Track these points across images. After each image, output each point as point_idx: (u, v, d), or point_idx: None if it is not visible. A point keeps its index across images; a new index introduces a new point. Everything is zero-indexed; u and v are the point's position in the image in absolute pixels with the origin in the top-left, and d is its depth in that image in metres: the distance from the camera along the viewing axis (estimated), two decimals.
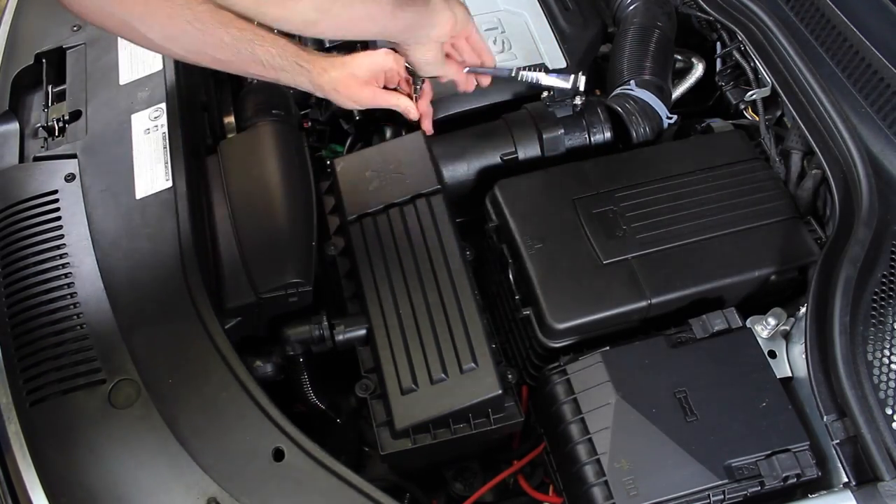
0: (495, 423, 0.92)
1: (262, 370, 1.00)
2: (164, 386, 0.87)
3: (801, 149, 1.14)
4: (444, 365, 0.91)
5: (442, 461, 1.05)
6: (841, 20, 1.10)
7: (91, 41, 1.24)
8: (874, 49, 1.05)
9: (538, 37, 1.27)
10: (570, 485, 0.90)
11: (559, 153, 1.15)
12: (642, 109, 1.19)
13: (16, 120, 1.19)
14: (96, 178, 1.05)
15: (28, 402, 0.88)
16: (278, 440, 0.84)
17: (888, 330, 0.90)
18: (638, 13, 1.33)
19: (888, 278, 0.93)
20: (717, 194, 1.05)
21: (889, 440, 0.82)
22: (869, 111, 1.06)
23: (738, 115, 1.29)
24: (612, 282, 0.97)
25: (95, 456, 0.84)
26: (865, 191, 0.98)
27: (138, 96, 1.14)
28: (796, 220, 1.04)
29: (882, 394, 0.85)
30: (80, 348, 0.90)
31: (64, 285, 0.95)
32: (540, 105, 1.17)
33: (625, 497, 0.83)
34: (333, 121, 1.44)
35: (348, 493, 0.82)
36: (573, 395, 0.91)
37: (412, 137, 1.12)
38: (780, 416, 0.88)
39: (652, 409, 0.88)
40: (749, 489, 0.85)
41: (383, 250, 1.01)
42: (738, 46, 1.26)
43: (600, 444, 0.87)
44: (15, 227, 1.01)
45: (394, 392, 0.91)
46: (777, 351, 0.97)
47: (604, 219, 1.02)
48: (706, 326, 0.94)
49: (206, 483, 0.81)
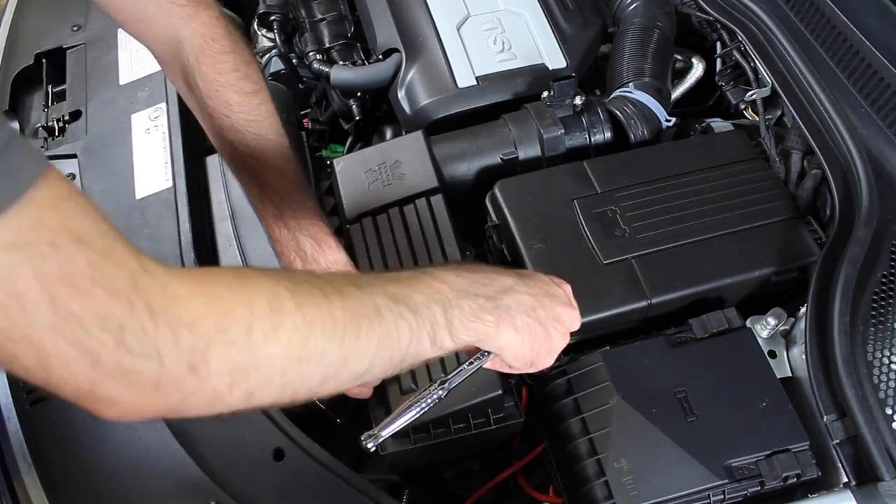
0: (495, 423, 0.92)
1: None
2: None
3: (801, 149, 1.14)
4: (444, 365, 0.91)
5: (442, 461, 1.05)
6: (841, 20, 1.10)
7: (91, 41, 1.24)
8: (874, 49, 1.05)
9: (538, 37, 1.27)
10: (570, 485, 0.90)
11: (559, 153, 1.15)
12: (641, 112, 1.19)
13: (16, 120, 1.19)
14: (96, 178, 1.05)
15: (28, 402, 0.88)
16: (278, 440, 0.84)
17: (888, 330, 0.90)
18: (638, 13, 1.32)
19: (888, 278, 0.93)
20: (718, 194, 1.05)
21: (889, 440, 0.82)
22: (869, 111, 1.06)
23: (738, 115, 1.29)
24: (612, 282, 0.97)
25: (95, 456, 0.84)
26: (865, 191, 0.98)
27: (138, 96, 1.14)
28: (796, 220, 1.04)
29: (882, 394, 0.85)
30: None
31: None
32: (540, 105, 1.17)
33: (625, 497, 0.83)
34: (333, 121, 1.44)
35: (348, 492, 0.82)
36: (573, 395, 0.91)
37: (412, 137, 1.12)
38: (780, 416, 0.88)
39: (652, 409, 0.88)
40: (749, 489, 0.85)
41: (383, 250, 1.01)
42: (738, 46, 1.26)
43: (600, 444, 0.87)
44: None
45: (394, 392, 0.91)
46: (777, 351, 0.97)
47: (604, 219, 1.02)
48: (706, 326, 0.94)
49: (206, 483, 0.81)
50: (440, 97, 1.20)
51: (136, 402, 0.51)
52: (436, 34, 1.25)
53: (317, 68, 1.32)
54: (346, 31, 1.39)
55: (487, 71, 1.22)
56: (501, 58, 1.24)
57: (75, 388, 0.49)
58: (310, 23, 1.40)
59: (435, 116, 1.20)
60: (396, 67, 1.25)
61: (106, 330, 0.47)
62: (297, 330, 0.56)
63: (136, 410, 0.51)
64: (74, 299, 0.45)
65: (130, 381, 0.49)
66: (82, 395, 0.50)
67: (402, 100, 1.23)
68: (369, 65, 1.29)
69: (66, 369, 0.47)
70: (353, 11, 1.41)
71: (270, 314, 0.55)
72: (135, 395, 0.50)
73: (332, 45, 1.37)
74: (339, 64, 1.32)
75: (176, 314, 0.50)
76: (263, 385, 0.56)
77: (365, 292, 0.63)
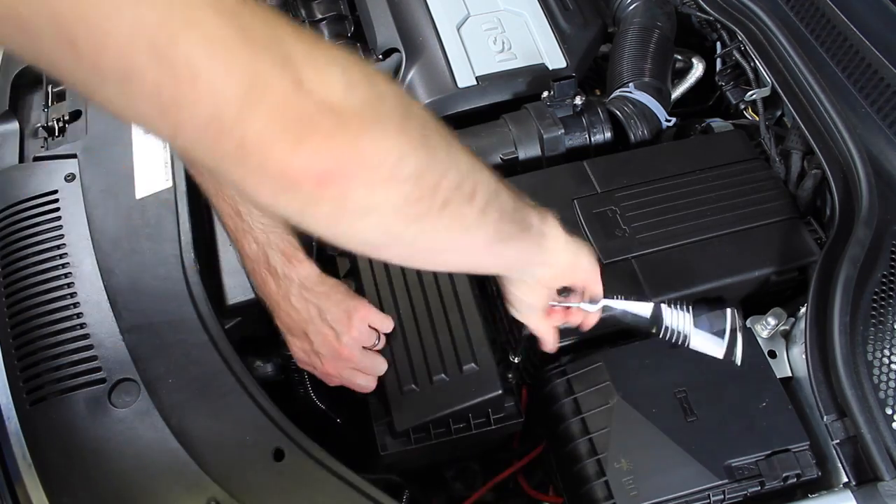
0: (495, 423, 0.92)
1: (262, 370, 1.00)
2: (164, 386, 0.87)
3: (801, 149, 1.14)
4: (444, 365, 0.91)
5: (442, 461, 1.05)
6: (841, 20, 1.10)
7: None
8: (874, 49, 1.05)
9: (538, 37, 1.27)
10: (570, 485, 0.90)
11: (559, 153, 1.15)
12: (641, 112, 1.19)
13: (16, 120, 1.18)
14: (96, 178, 1.05)
15: (28, 402, 0.88)
16: (278, 440, 0.84)
17: (888, 330, 0.90)
18: (638, 13, 1.32)
19: (888, 278, 0.93)
20: (718, 194, 1.05)
21: (889, 440, 0.82)
22: (869, 111, 1.06)
23: (738, 115, 1.29)
24: (613, 282, 0.97)
25: (95, 456, 0.84)
26: (865, 191, 0.98)
27: None
28: (796, 220, 1.04)
29: (882, 394, 0.85)
30: (80, 348, 0.90)
31: (64, 285, 0.94)
32: (540, 105, 1.17)
33: (625, 497, 0.83)
34: None
35: (348, 492, 0.82)
36: (573, 395, 0.91)
37: None
38: (780, 416, 0.88)
39: (652, 409, 0.88)
40: (749, 489, 0.85)
41: None
42: (738, 46, 1.26)
43: (600, 444, 0.87)
44: (15, 227, 1.01)
45: (394, 392, 0.91)
46: (777, 351, 0.97)
47: (604, 219, 1.02)
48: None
49: (206, 483, 0.81)
50: (440, 97, 1.20)
51: (332, 105, 0.44)
52: (436, 34, 1.24)
53: None
54: (346, 30, 1.39)
55: (487, 71, 1.22)
56: (501, 58, 1.24)
57: (280, 73, 0.43)
58: (310, 23, 1.40)
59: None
60: (396, 67, 1.25)
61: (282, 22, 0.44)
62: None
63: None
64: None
65: (322, 74, 0.44)
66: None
67: None
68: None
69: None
70: (353, 11, 1.41)
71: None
72: (329, 90, 0.44)
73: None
74: None
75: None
76: (427, 126, 0.52)
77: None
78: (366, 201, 0.49)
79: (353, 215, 0.50)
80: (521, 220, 0.68)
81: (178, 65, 0.40)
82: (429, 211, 0.54)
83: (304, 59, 0.44)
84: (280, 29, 0.44)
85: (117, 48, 0.39)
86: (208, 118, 0.42)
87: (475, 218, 0.59)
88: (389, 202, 0.51)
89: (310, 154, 0.44)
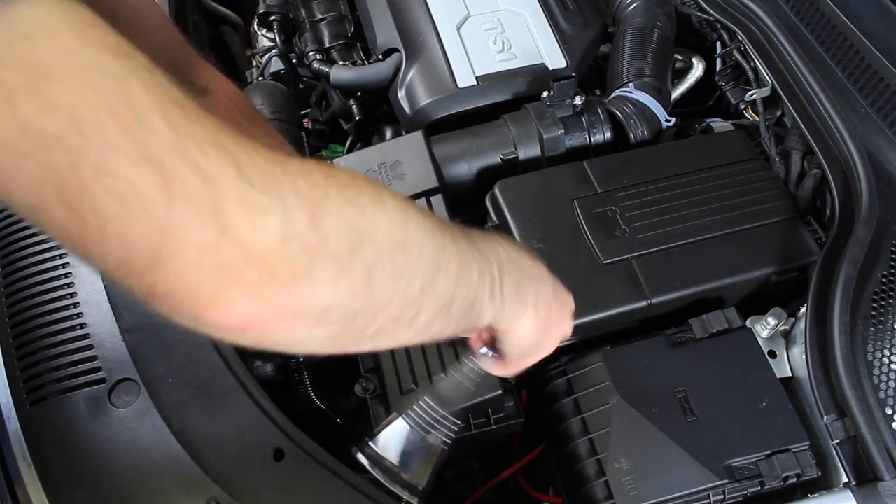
0: (495, 423, 0.92)
1: (262, 370, 1.00)
2: (164, 386, 0.87)
3: (801, 149, 1.14)
4: (444, 365, 0.91)
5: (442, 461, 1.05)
6: (841, 20, 1.10)
7: None
8: (874, 49, 1.05)
9: (538, 37, 1.27)
10: (570, 485, 0.90)
11: (559, 153, 1.15)
12: (641, 112, 1.19)
13: None
14: None
15: (28, 402, 0.88)
16: (278, 440, 0.84)
17: (888, 330, 0.90)
18: (638, 13, 1.32)
19: (888, 278, 0.93)
20: (717, 194, 1.05)
21: (889, 440, 0.82)
22: (869, 111, 1.06)
23: (738, 115, 1.29)
24: (613, 282, 0.97)
25: (95, 456, 0.84)
26: (865, 191, 0.98)
27: None
28: (796, 220, 1.04)
29: (882, 394, 0.85)
30: (79, 348, 0.90)
31: (64, 285, 0.94)
32: (540, 105, 1.17)
33: (625, 497, 0.83)
34: (333, 121, 1.44)
35: (348, 493, 0.82)
36: (573, 395, 0.91)
37: (412, 137, 1.12)
38: (780, 416, 0.88)
39: (652, 409, 0.88)
40: (749, 489, 0.85)
41: None
42: (738, 46, 1.26)
43: (600, 444, 0.87)
44: (15, 226, 1.01)
45: (394, 392, 0.91)
46: (777, 351, 0.97)
47: (604, 219, 1.02)
48: (706, 326, 0.94)
49: (206, 483, 0.81)
50: (440, 97, 1.20)
51: (261, 255, 0.42)
52: (436, 34, 1.25)
53: (317, 68, 1.32)
54: (345, 31, 1.39)
55: (487, 71, 1.22)
56: (501, 58, 1.24)
57: (202, 224, 0.41)
58: (310, 23, 1.40)
59: (435, 116, 1.20)
60: (396, 67, 1.26)
61: (224, 159, 0.42)
62: (397, 208, 0.51)
63: (262, 271, 0.43)
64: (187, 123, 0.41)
65: (255, 220, 0.42)
66: (209, 230, 0.41)
67: (402, 100, 1.23)
68: (369, 65, 1.29)
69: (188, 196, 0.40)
70: (353, 11, 1.41)
71: (374, 185, 0.51)
72: (260, 238, 0.42)
73: (331, 45, 1.37)
74: (338, 64, 1.32)
75: (289, 163, 0.45)
76: (377, 261, 0.49)
77: (438, 221, 0.58)
78: (287, 339, 0.49)
79: (273, 345, 0.49)
80: (476, 317, 0.63)
81: (85, 211, 0.39)
82: (356, 341, 0.53)
83: (238, 204, 0.42)
84: (217, 168, 0.41)
85: (26, 185, 0.39)
86: (117, 264, 0.41)
87: (412, 336, 0.57)
88: (313, 339, 0.50)
89: (227, 307, 0.43)
